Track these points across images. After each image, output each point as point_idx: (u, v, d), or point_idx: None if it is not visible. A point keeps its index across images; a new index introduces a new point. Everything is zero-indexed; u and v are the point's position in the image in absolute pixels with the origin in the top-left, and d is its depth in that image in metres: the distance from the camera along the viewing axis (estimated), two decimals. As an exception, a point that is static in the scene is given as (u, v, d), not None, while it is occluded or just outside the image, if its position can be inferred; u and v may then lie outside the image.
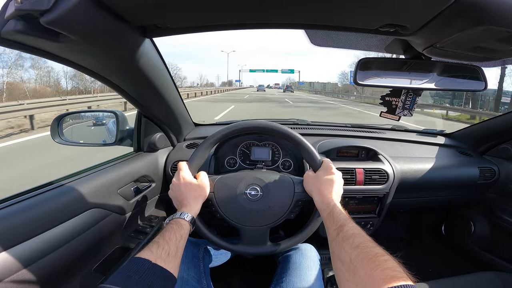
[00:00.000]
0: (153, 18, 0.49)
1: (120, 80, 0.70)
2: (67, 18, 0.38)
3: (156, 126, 1.01)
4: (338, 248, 0.49)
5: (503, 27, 0.43)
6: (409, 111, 0.75)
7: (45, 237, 0.59)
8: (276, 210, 0.74)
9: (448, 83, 0.71)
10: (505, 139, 1.21)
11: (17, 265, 0.53)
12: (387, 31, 0.51)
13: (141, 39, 0.57)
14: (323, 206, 0.63)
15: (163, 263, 0.50)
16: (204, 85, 67.23)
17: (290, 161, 1.06)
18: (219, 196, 0.74)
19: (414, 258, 1.45)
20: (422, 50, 0.60)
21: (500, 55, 0.59)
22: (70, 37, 0.42)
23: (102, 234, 0.78)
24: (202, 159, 0.77)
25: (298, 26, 0.53)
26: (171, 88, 0.87)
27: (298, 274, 0.77)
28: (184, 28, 0.53)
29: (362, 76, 0.69)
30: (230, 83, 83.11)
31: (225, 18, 0.50)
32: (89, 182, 0.74)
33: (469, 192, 1.26)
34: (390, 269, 0.38)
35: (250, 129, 0.79)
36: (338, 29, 0.53)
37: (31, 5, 0.36)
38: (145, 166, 0.98)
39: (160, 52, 0.72)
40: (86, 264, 0.76)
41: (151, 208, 1.07)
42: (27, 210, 0.59)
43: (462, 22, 0.44)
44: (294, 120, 1.47)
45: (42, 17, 0.37)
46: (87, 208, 0.71)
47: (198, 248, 0.86)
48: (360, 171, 1.04)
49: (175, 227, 0.59)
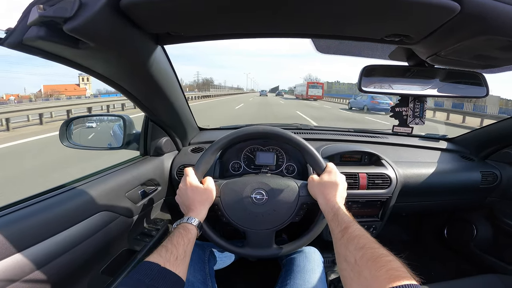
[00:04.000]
0: (167, 27, 0.50)
1: (130, 85, 0.72)
2: (88, 25, 0.39)
3: (163, 131, 1.03)
4: (343, 249, 0.50)
5: (505, 37, 0.45)
6: (420, 119, 0.75)
7: (57, 239, 0.60)
8: (281, 213, 0.75)
9: (450, 90, 0.72)
10: (507, 143, 1.22)
11: (30, 266, 0.54)
12: (392, 40, 0.53)
13: (154, 46, 0.59)
14: (327, 208, 0.64)
15: (172, 267, 0.51)
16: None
17: (293, 166, 1.07)
18: (225, 200, 0.76)
19: (416, 261, 1.45)
20: (426, 58, 0.62)
21: (502, 62, 0.61)
22: (89, 44, 0.43)
23: (110, 237, 0.79)
24: (208, 164, 0.78)
25: (306, 35, 0.54)
26: (178, 93, 0.89)
27: (302, 277, 0.78)
28: (196, 37, 0.55)
29: (367, 82, 0.70)
30: (240, 88, 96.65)
31: (236, 28, 0.51)
32: (99, 186, 0.76)
33: (471, 196, 1.26)
34: (394, 269, 0.39)
35: (255, 135, 0.80)
36: (345, 39, 0.55)
37: (54, 13, 0.37)
38: (151, 170, 0.99)
39: (169, 58, 0.74)
40: (94, 266, 0.77)
41: (156, 211, 1.08)
42: (39, 213, 0.60)
43: (465, 32, 0.46)
44: (297, 125, 1.48)
45: (65, 25, 0.38)
46: (96, 211, 0.72)
47: (203, 251, 0.87)
48: (363, 175, 1.05)
49: (182, 231, 0.61)
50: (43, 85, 72.59)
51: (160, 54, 0.66)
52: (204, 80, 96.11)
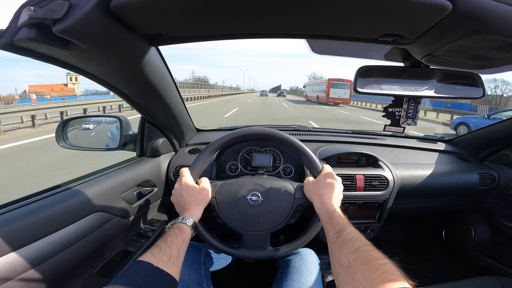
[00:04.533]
0: (159, 28, 0.50)
1: (125, 87, 0.71)
2: (78, 27, 0.39)
3: (159, 132, 1.03)
4: (337, 252, 0.49)
5: (499, 36, 0.44)
6: (413, 120, 0.75)
7: (51, 239, 0.60)
8: (276, 215, 0.75)
9: (446, 91, 0.72)
10: (506, 145, 1.22)
11: (24, 265, 0.54)
12: (386, 40, 0.53)
13: (147, 47, 0.59)
14: (323, 211, 0.64)
15: (164, 266, 0.51)
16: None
17: (291, 167, 1.07)
18: (221, 201, 0.75)
19: (414, 263, 1.45)
20: (421, 58, 0.61)
21: (497, 63, 0.61)
22: (80, 45, 0.43)
23: (105, 238, 0.78)
24: (204, 165, 0.78)
25: (300, 36, 0.54)
26: (174, 94, 0.89)
27: (298, 279, 0.77)
28: (189, 37, 0.54)
29: (362, 83, 0.70)
30: (238, 88, 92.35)
31: (228, 28, 0.51)
32: (94, 187, 0.76)
33: (469, 198, 1.26)
34: (388, 273, 0.39)
35: (251, 136, 0.80)
36: (339, 39, 0.55)
37: (44, 14, 0.37)
38: (148, 171, 0.99)
39: (165, 59, 0.74)
40: (89, 266, 0.76)
41: (153, 212, 1.08)
42: (34, 213, 0.60)
43: (459, 31, 0.45)
44: (295, 126, 1.48)
45: (54, 26, 0.38)
46: (91, 212, 0.72)
47: (199, 252, 0.87)
48: (360, 177, 1.04)
49: (176, 231, 0.60)
50: (28, 85, 69.82)
51: (154, 55, 0.66)
52: (197, 78, 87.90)
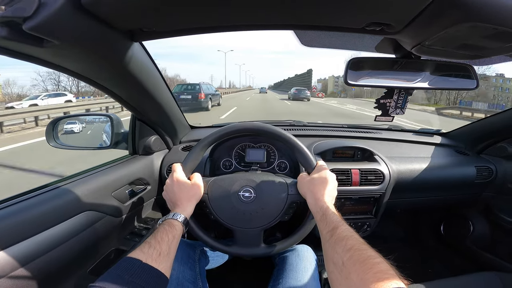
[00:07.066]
0: (137, 22, 0.49)
1: (111, 84, 0.70)
2: (49, 24, 0.39)
3: (151, 129, 1.02)
4: (331, 251, 0.49)
5: (488, 23, 0.43)
6: (401, 110, 0.75)
7: (39, 238, 0.60)
8: (269, 211, 0.74)
9: (439, 82, 0.70)
10: (502, 137, 1.21)
11: (12, 264, 0.54)
12: (373, 30, 0.51)
13: (129, 43, 0.58)
14: (316, 208, 0.63)
15: (154, 263, 0.50)
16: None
17: (286, 163, 1.06)
18: (213, 197, 0.74)
19: (413, 258, 1.46)
20: (411, 48, 0.60)
21: (489, 52, 0.59)
22: (53, 42, 0.42)
23: (96, 237, 0.78)
24: (196, 160, 0.77)
25: (285, 26, 0.53)
26: (163, 91, 0.88)
27: (295, 275, 0.77)
28: (171, 31, 0.53)
29: (353, 76, 0.68)
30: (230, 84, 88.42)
31: (211, 20, 0.50)
32: (83, 185, 0.75)
33: (466, 191, 1.25)
34: (382, 272, 0.38)
35: (243, 131, 0.79)
36: (325, 29, 0.53)
37: (13, 12, 0.36)
38: (140, 169, 0.98)
39: (150, 55, 0.73)
40: (81, 265, 0.76)
41: (147, 210, 1.07)
42: (22, 212, 0.60)
43: (446, 19, 0.44)
44: (290, 121, 1.47)
45: (24, 24, 0.37)
46: (80, 211, 0.72)
47: (194, 250, 0.86)
48: (355, 171, 1.03)
49: (167, 227, 0.60)
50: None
51: (138, 51, 0.64)
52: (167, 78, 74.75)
